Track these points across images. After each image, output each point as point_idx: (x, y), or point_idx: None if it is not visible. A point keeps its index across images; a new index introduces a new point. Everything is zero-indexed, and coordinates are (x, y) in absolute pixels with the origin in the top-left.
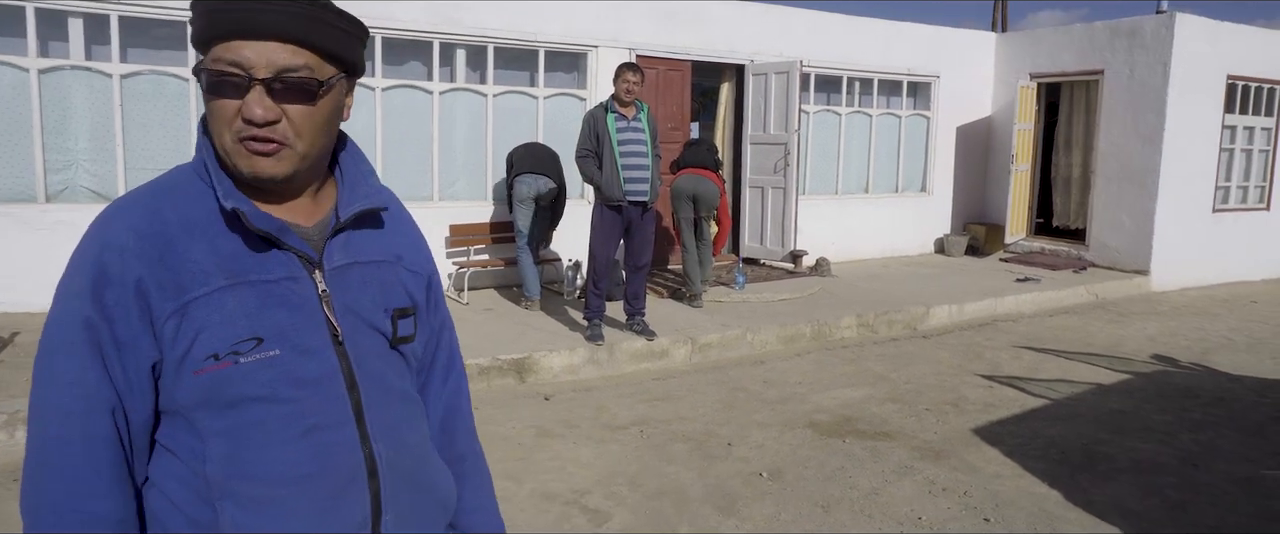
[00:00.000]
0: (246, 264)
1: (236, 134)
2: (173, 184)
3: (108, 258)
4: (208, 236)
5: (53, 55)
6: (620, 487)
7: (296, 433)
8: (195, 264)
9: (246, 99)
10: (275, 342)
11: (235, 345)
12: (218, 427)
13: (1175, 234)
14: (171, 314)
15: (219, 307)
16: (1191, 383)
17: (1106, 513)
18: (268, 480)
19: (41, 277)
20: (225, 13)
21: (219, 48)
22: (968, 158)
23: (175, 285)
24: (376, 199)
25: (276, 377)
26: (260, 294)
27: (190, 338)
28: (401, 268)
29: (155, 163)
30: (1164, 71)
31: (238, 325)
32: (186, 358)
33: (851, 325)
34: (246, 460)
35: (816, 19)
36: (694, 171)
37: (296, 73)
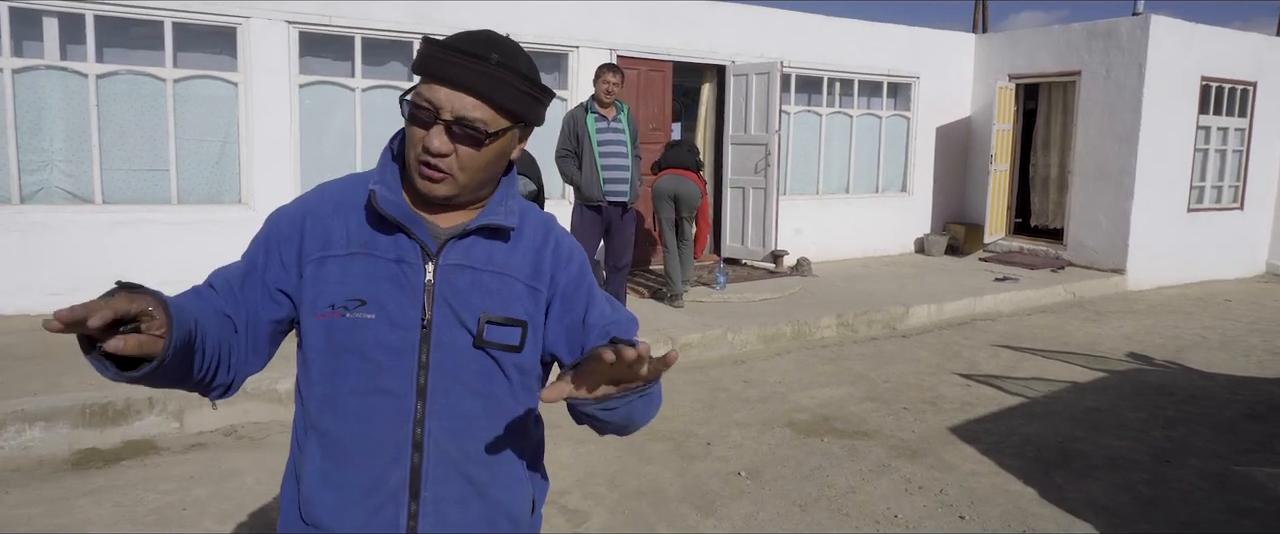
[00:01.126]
0: (377, 241)
1: (418, 157)
2: (360, 175)
3: (317, 204)
4: (360, 213)
5: (27, 55)
6: (599, 487)
7: (370, 388)
8: (339, 232)
9: (430, 132)
10: (374, 307)
11: (346, 301)
12: (324, 368)
13: (1151, 234)
14: (313, 261)
15: (346, 268)
16: (1166, 380)
17: (1080, 509)
18: (340, 423)
19: (16, 279)
20: (432, 58)
21: (424, 87)
22: (948, 158)
23: (324, 242)
24: (505, 219)
25: (366, 337)
26: (377, 267)
27: (319, 285)
28: (517, 283)
29: (132, 163)
30: (1139, 72)
31: (353, 286)
32: (315, 302)
33: (831, 325)
34: (333, 401)
35: (797, 20)
36: (675, 172)
37: (472, 122)
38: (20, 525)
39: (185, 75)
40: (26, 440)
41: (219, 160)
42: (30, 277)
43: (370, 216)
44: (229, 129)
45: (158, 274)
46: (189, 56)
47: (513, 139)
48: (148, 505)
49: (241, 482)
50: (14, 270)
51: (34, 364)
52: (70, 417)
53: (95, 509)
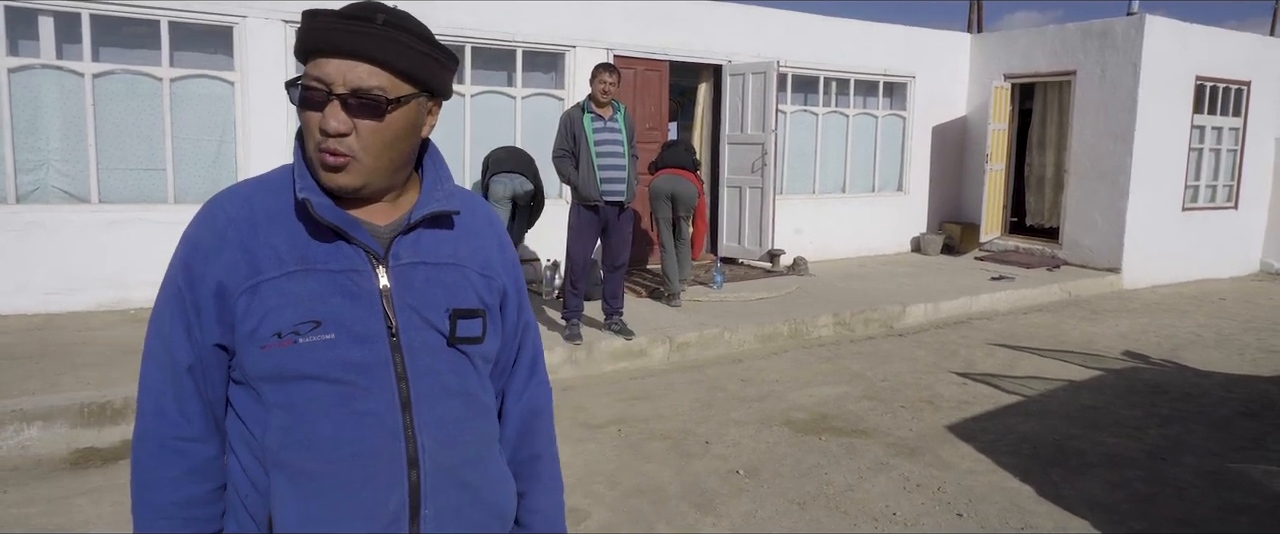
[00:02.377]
0: (316, 254)
1: (317, 144)
2: (272, 179)
3: (202, 236)
4: (287, 226)
5: (23, 54)
6: (598, 485)
7: (345, 413)
8: (272, 249)
9: (325, 112)
10: (331, 326)
11: (296, 326)
12: (279, 399)
13: (1146, 233)
14: (244, 292)
15: (287, 290)
16: (1161, 379)
17: (1076, 506)
18: (312, 454)
19: (12, 278)
20: (315, 31)
21: (312, 64)
22: (943, 157)
23: (250, 266)
24: (447, 203)
25: (329, 359)
26: (324, 282)
27: (259, 315)
28: (470, 271)
29: (128, 162)
30: (1134, 72)
31: (300, 308)
32: (256, 333)
33: (828, 324)
34: (297, 433)
35: (793, 19)
36: (672, 172)
37: (368, 91)
38: (18, 525)
39: (182, 74)
40: (24, 440)
41: (216, 160)
42: (27, 276)
43: (296, 228)
44: (226, 128)
45: (154, 274)
46: (185, 56)
47: (420, 110)
48: None
49: None
50: (10, 270)
51: (31, 364)
52: (68, 416)
53: (93, 509)
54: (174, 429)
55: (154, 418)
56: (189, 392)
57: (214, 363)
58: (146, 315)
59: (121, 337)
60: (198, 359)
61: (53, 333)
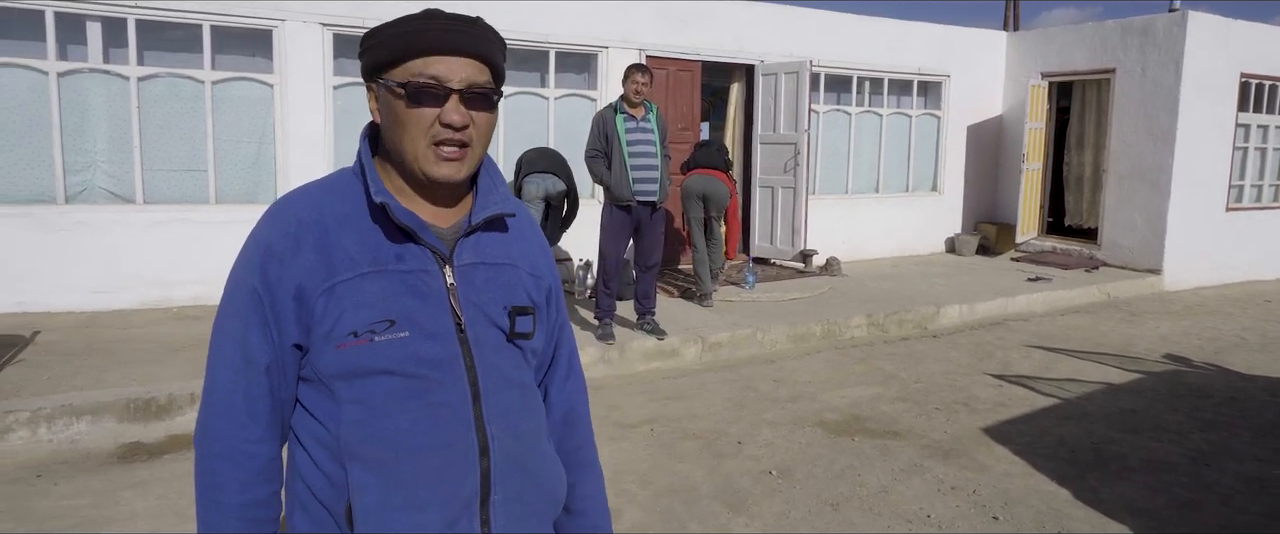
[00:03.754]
0: (387, 254)
1: (432, 138)
2: (334, 183)
3: (274, 238)
4: (358, 228)
5: (72, 58)
6: (631, 484)
7: (419, 407)
8: (344, 252)
9: (445, 107)
10: (405, 324)
11: (372, 325)
12: (353, 395)
13: (1188, 233)
14: (322, 293)
15: (361, 290)
16: (1204, 382)
17: (1116, 511)
18: (390, 446)
19: (61, 277)
20: (423, 33)
21: (415, 64)
22: (979, 157)
23: (327, 268)
24: (505, 206)
25: (405, 355)
26: (396, 282)
27: (336, 315)
28: (523, 272)
29: (171, 163)
30: (1176, 70)
31: (375, 308)
32: (331, 333)
33: (862, 325)
34: (374, 426)
35: (826, 19)
36: (704, 172)
37: (482, 86)
38: (69, 516)
39: (223, 77)
40: (73, 434)
41: (256, 161)
42: (74, 275)
43: (367, 230)
44: (265, 130)
45: (196, 273)
46: (226, 59)
47: None
48: (191, 498)
49: None
50: (59, 269)
51: (79, 360)
52: (115, 411)
53: (141, 502)
54: (242, 431)
55: (224, 420)
56: (262, 392)
57: (290, 362)
58: (190, 314)
59: (165, 334)
60: (276, 359)
61: (99, 330)
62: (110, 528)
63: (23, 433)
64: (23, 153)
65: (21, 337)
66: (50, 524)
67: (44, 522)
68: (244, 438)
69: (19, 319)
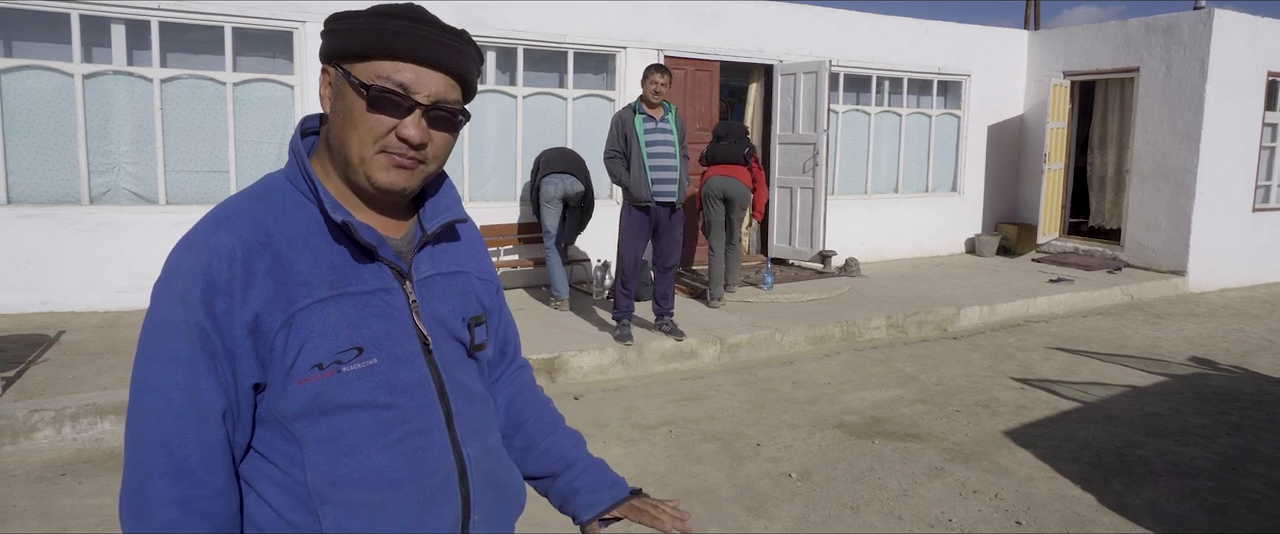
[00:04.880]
0: (346, 275)
1: (381, 147)
2: (268, 193)
3: (216, 266)
4: (310, 248)
5: (96, 60)
6: (649, 486)
7: (393, 439)
8: (299, 276)
9: (405, 120)
10: (373, 351)
11: (338, 355)
12: (318, 434)
13: (1213, 234)
14: (281, 326)
15: (323, 317)
16: (1230, 385)
17: (1141, 517)
18: (367, 486)
19: (85, 277)
20: (401, 36)
21: (385, 65)
22: (999, 157)
23: (283, 297)
24: (457, 212)
25: (376, 385)
26: (359, 305)
27: (297, 348)
28: (474, 277)
29: (193, 164)
30: (1201, 69)
31: (340, 336)
32: (293, 368)
33: (881, 326)
34: (346, 467)
35: (846, 18)
36: (724, 171)
37: (449, 104)
38: (93, 515)
39: (244, 79)
40: (98, 433)
41: (276, 162)
42: (98, 275)
43: (318, 249)
44: (286, 131)
45: None
46: (248, 60)
47: None
48: None
49: None
50: (83, 269)
51: (103, 359)
52: None
53: None
54: (199, 487)
55: (172, 479)
56: (217, 442)
57: (246, 404)
58: None
59: None
60: (231, 403)
61: (123, 329)
62: None
63: (48, 432)
64: (48, 154)
65: (47, 336)
66: (74, 523)
67: (68, 520)
68: (202, 494)
69: (44, 319)
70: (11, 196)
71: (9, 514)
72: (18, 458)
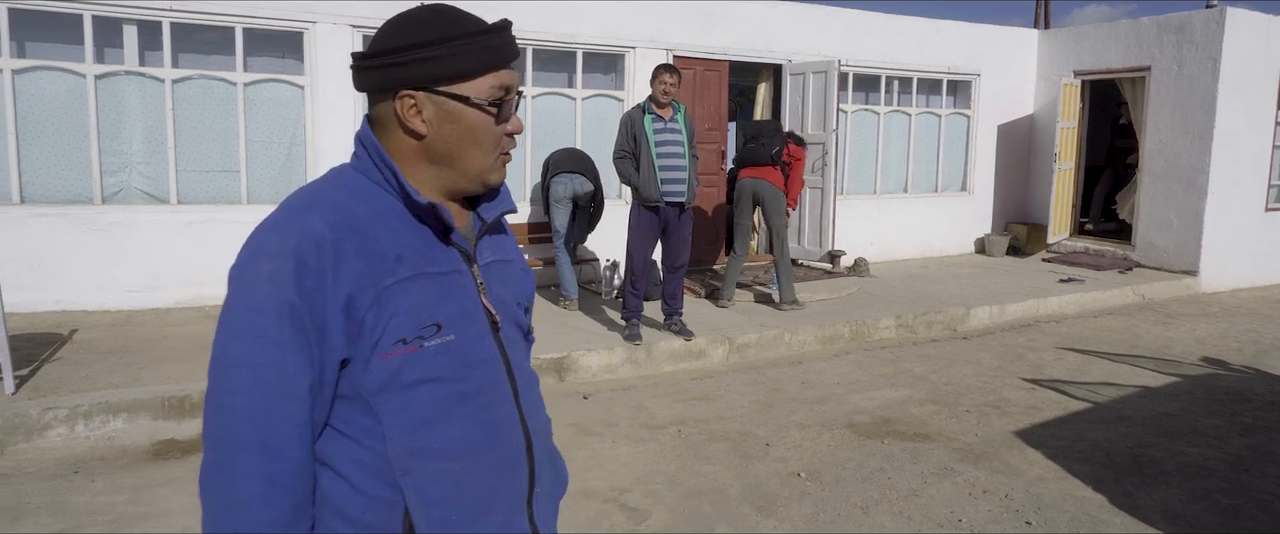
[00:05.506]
0: (424, 257)
1: (501, 149)
2: (346, 183)
3: (306, 248)
4: (390, 230)
5: (108, 61)
6: (659, 485)
7: (469, 411)
8: (384, 256)
9: (514, 118)
10: (450, 328)
11: (420, 331)
12: (397, 406)
13: (1226, 233)
14: (371, 303)
15: (407, 295)
16: (1243, 386)
17: (1153, 517)
18: (447, 455)
19: (97, 276)
20: (500, 49)
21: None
22: (1009, 157)
23: (372, 275)
24: (511, 204)
25: (453, 360)
26: (437, 285)
27: (383, 324)
28: (518, 267)
29: (204, 164)
30: (1214, 68)
31: (422, 313)
32: (379, 343)
33: (890, 326)
34: (426, 437)
35: (855, 18)
36: (754, 173)
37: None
38: (106, 513)
39: (255, 79)
40: (110, 431)
41: (286, 161)
42: (111, 274)
43: (399, 233)
44: (296, 131)
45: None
46: (258, 61)
47: None
48: None
49: None
50: (96, 268)
51: (116, 358)
52: (150, 409)
53: (175, 498)
54: (284, 462)
55: (259, 452)
56: (303, 418)
57: (330, 381)
58: None
59: (198, 333)
60: (316, 380)
61: (134, 328)
62: (145, 524)
63: (61, 430)
64: (61, 154)
65: (60, 335)
66: (87, 520)
67: (81, 518)
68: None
69: (58, 317)
70: (25, 196)
71: (23, 511)
72: (31, 456)
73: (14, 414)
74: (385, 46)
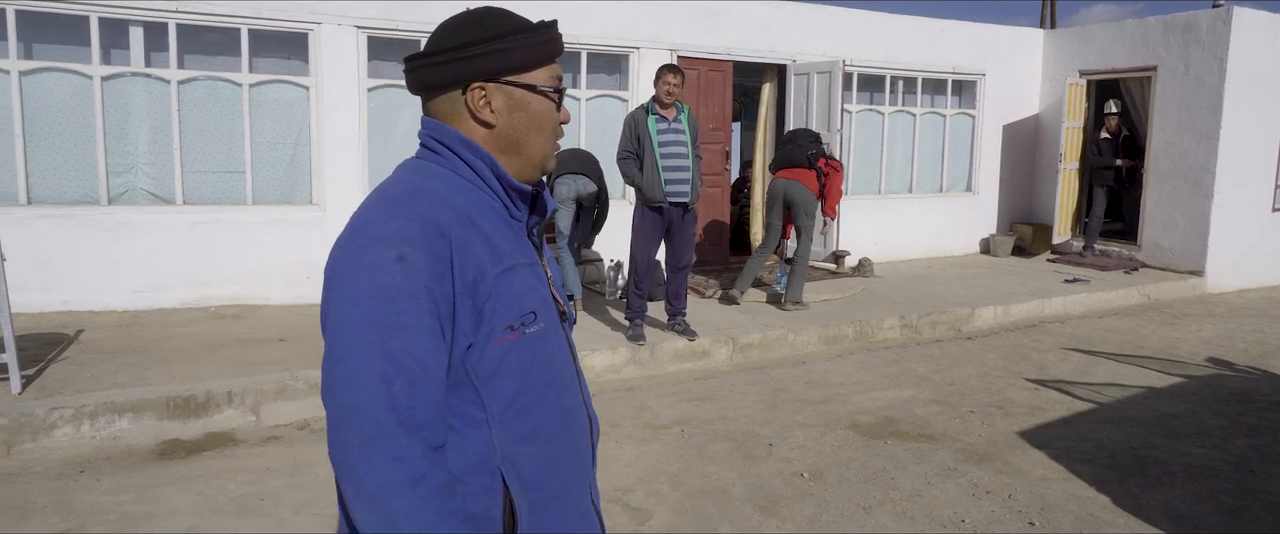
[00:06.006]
0: (516, 248)
1: (558, 135)
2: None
3: (431, 234)
4: (490, 222)
5: (114, 62)
6: (662, 485)
7: (554, 398)
8: (492, 245)
9: (564, 107)
10: (541, 316)
11: (522, 318)
12: (501, 394)
13: (1232, 234)
14: (490, 289)
15: (512, 283)
16: (1249, 387)
17: (1157, 518)
18: (539, 440)
19: (103, 277)
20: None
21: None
22: (1014, 157)
23: (490, 262)
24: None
25: (542, 348)
26: (527, 275)
27: (496, 310)
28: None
29: (210, 165)
30: (1220, 67)
31: (521, 301)
32: (492, 329)
33: (894, 326)
34: (525, 425)
35: (860, 18)
36: (788, 174)
37: None
38: (111, 512)
39: (260, 80)
40: (116, 430)
41: (291, 162)
42: (116, 275)
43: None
44: (301, 132)
45: (233, 272)
46: (264, 62)
47: None
48: (228, 495)
49: (315, 474)
50: (102, 268)
51: (121, 358)
52: (155, 408)
53: (180, 497)
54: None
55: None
56: (441, 401)
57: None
58: (227, 313)
59: (204, 333)
60: (447, 366)
61: (140, 329)
62: (151, 523)
63: (67, 429)
64: (67, 155)
65: (66, 335)
66: (93, 519)
67: (87, 517)
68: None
69: (64, 318)
70: (31, 197)
71: (29, 510)
72: (38, 455)
73: (20, 414)
74: (453, 43)
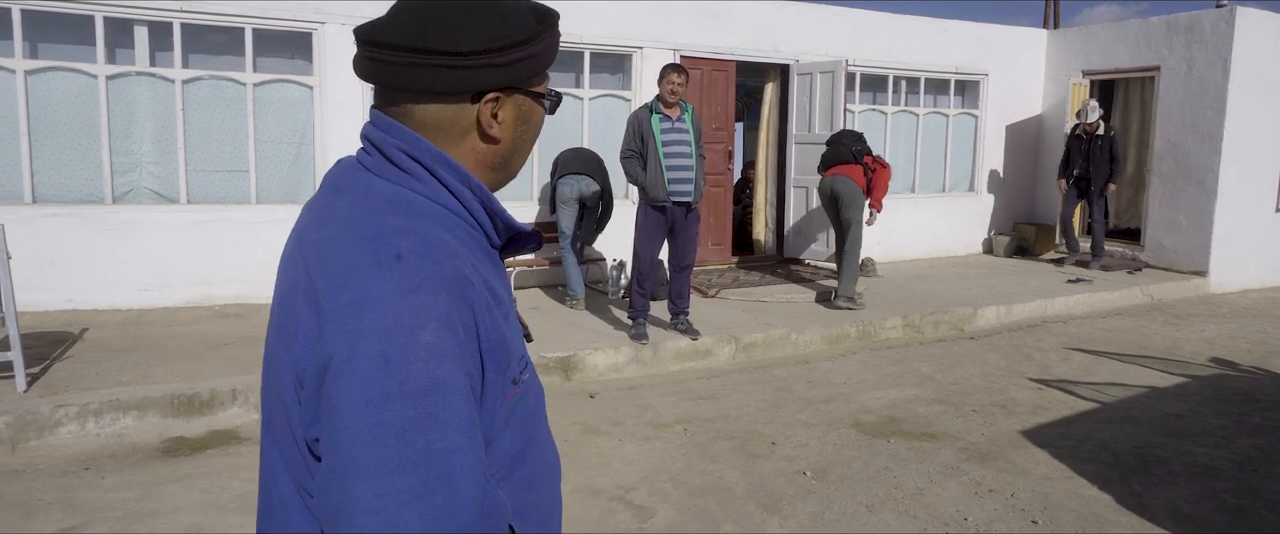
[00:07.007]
0: (503, 287)
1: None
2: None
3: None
4: (481, 262)
5: (119, 61)
6: (664, 484)
7: (541, 442)
8: (491, 294)
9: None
10: (526, 361)
11: (521, 367)
12: (503, 451)
13: (1235, 234)
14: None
15: (507, 330)
16: (1252, 386)
17: (1160, 517)
18: (534, 486)
19: (108, 275)
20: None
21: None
22: (1017, 157)
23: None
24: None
25: (531, 393)
26: (510, 314)
27: (503, 368)
28: None
29: (214, 164)
30: (1224, 67)
31: (515, 347)
32: (503, 388)
33: (897, 326)
34: (524, 475)
35: (863, 18)
36: (835, 170)
37: None
38: (115, 508)
39: (264, 79)
40: (120, 428)
41: (295, 161)
42: (121, 273)
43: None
44: (305, 131)
45: (237, 271)
46: (268, 61)
47: None
48: (231, 492)
49: None
50: (107, 267)
51: (126, 356)
52: (160, 406)
53: (184, 495)
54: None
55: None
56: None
57: None
58: (231, 312)
59: (207, 332)
60: None
61: (145, 327)
62: (155, 520)
63: (72, 427)
64: (72, 154)
65: (70, 333)
66: (98, 516)
67: (92, 513)
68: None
69: (69, 316)
70: (36, 196)
71: (35, 507)
72: (43, 452)
73: (26, 411)
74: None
